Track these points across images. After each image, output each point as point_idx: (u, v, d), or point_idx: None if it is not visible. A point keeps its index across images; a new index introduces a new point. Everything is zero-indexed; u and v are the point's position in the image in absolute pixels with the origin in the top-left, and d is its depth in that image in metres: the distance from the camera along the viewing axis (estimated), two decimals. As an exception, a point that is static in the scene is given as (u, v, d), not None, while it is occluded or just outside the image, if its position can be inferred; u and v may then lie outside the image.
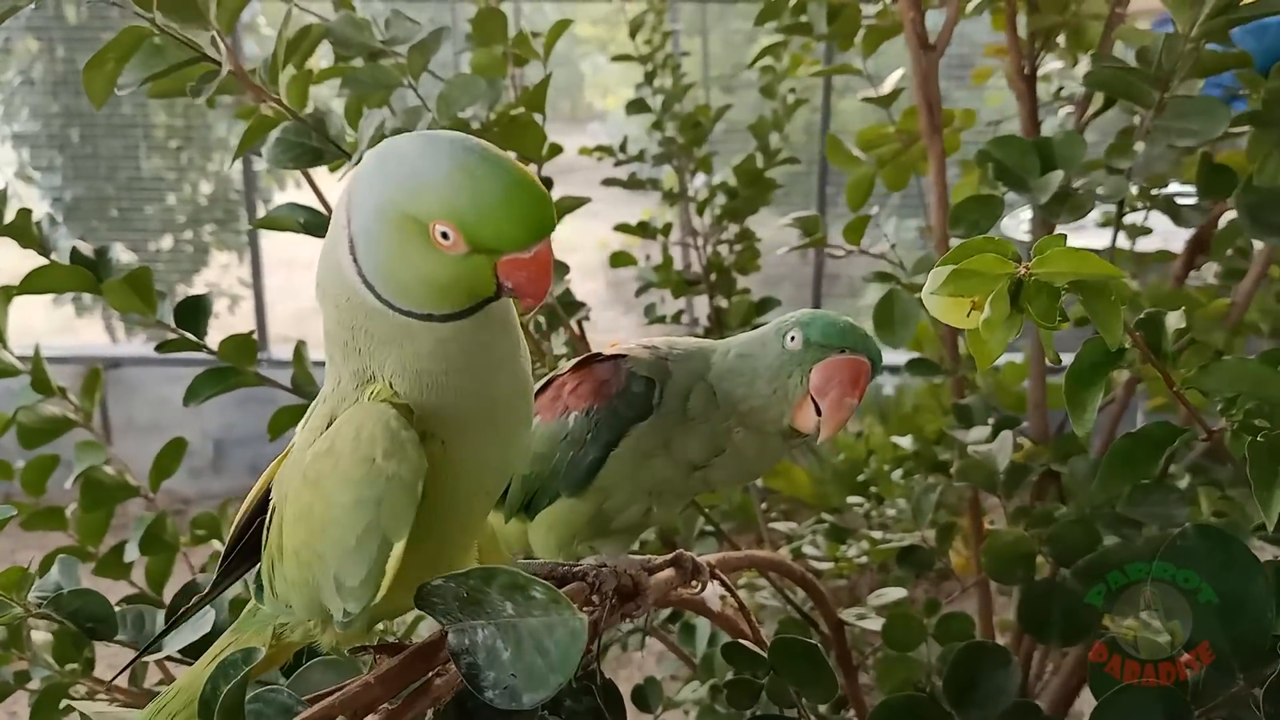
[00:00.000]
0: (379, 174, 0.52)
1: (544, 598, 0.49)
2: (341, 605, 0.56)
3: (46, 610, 0.84)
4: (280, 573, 0.61)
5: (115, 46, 0.92)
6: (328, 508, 0.55)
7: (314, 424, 0.59)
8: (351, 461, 0.53)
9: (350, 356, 0.56)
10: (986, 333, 0.61)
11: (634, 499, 0.84)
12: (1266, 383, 0.72)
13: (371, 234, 0.52)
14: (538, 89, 1.28)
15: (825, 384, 0.78)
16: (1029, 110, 1.41)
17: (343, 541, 0.54)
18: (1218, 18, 1.01)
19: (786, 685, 0.84)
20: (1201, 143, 1.07)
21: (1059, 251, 0.59)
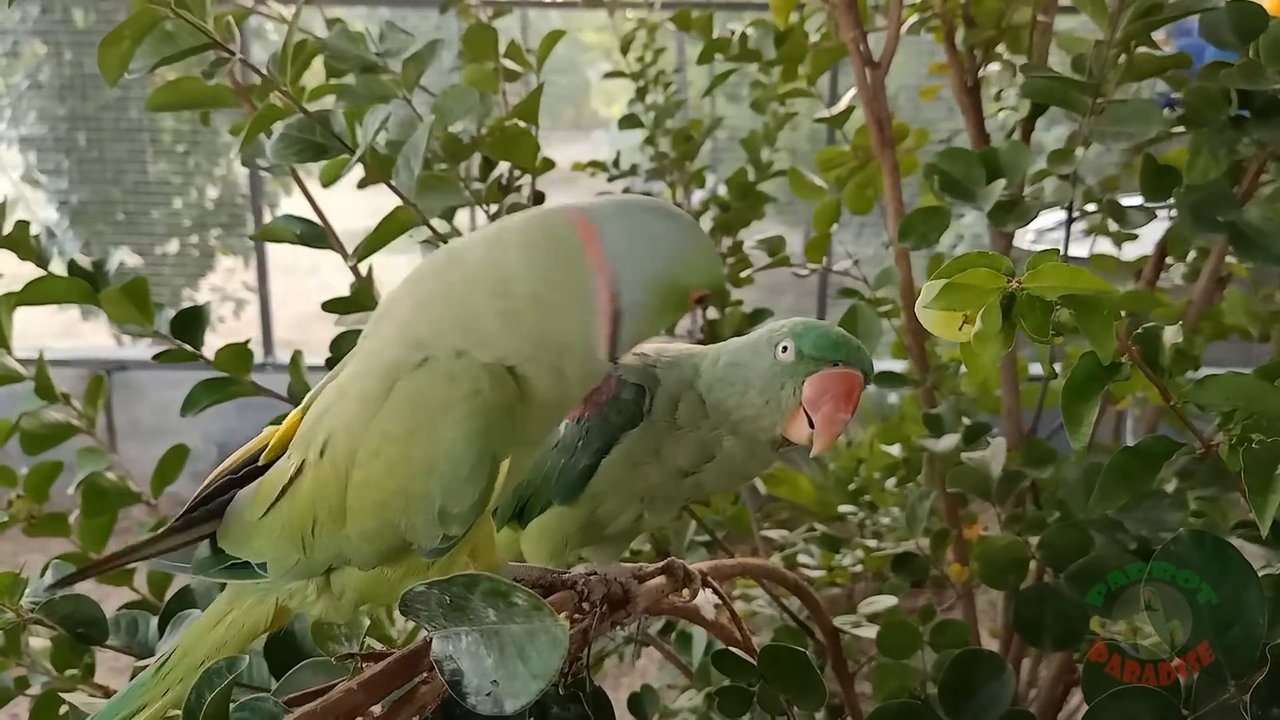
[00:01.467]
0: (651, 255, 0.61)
1: (525, 604, 0.50)
2: (440, 534, 0.63)
3: (39, 615, 0.84)
4: (325, 535, 0.65)
5: (131, 24, 0.93)
6: (432, 447, 0.61)
7: (370, 386, 0.63)
8: (457, 399, 0.60)
9: (456, 343, 0.62)
10: (979, 346, 0.61)
11: (626, 505, 0.84)
12: (1263, 397, 0.73)
13: (640, 305, 0.61)
14: (530, 99, 1.29)
15: (818, 398, 0.77)
16: (975, 121, 1.43)
17: (455, 473, 0.61)
18: (1138, 21, 1.03)
19: (777, 693, 0.84)
20: (1137, 144, 1.08)
21: (1051, 266, 0.60)
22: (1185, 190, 1.08)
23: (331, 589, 0.70)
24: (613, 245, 0.60)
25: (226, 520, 0.71)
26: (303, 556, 0.67)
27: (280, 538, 0.67)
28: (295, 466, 0.66)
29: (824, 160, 1.64)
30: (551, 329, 0.62)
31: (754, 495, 1.90)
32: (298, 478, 0.66)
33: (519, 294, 0.61)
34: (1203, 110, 1.08)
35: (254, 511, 0.69)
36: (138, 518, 1.33)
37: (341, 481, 0.64)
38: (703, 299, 0.64)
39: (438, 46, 1.17)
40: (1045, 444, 1.28)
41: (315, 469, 0.65)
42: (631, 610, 0.76)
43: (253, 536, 0.69)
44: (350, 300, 1.18)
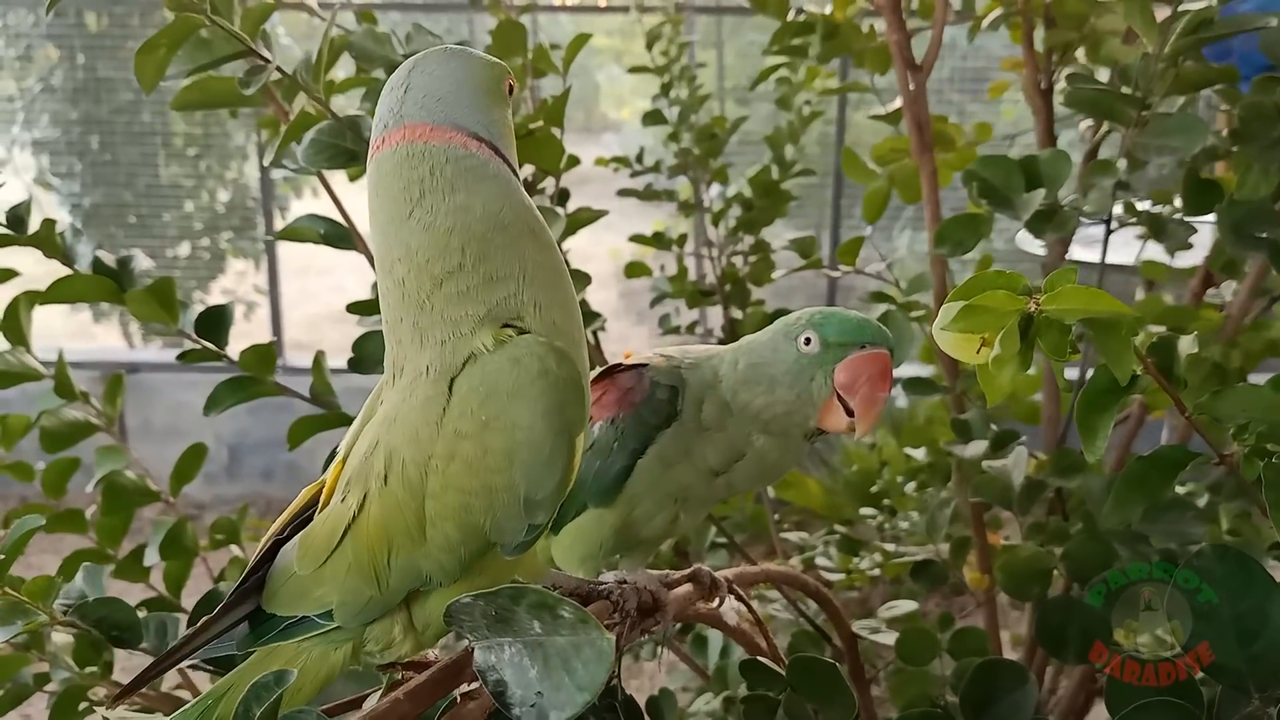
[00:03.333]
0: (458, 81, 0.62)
1: (572, 617, 0.50)
2: (525, 525, 0.62)
3: (71, 618, 0.85)
4: (402, 559, 0.64)
5: (168, 33, 0.94)
6: (510, 436, 0.60)
7: (425, 393, 0.62)
8: (526, 382, 0.60)
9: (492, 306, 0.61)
10: (996, 369, 0.61)
11: (661, 507, 0.84)
12: (1276, 409, 0.73)
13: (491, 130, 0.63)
14: (557, 102, 1.29)
15: (853, 381, 0.78)
16: (1045, 124, 1.42)
17: (536, 457, 0.61)
18: (1189, 35, 1.03)
19: (804, 703, 0.84)
20: (1181, 158, 1.08)
21: (1070, 289, 0.59)
22: (1228, 205, 1.07)
23: (415, 626, 0.68)
24: (443, 115, 0.62)
25: (273, 583, 0.69)
26: (377, 593, 0.65)
27: (349, 578, 0.66)
28: (356, 505, 0.65)
29: (879, 155, 1.62)
30: (491, 203, 0.61)
31: (767, 497, 1.90)
32: (360, 514, 0.65)
33: (478, 216, 0.61)
34: (1255, 125, 1.08)
35: (308, 564, 0.67)
36: (149, 516, 1.33)
37: (417, 497, 0.62)
38: (513, 89, 0.65)
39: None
40: (1074, 453, 1.27)
41: (380, 497, 0.64)
42: (662, 618, 0.76)
43: (311, 588, 0.67)
44: (374, 303, 1.18)
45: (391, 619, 0.68)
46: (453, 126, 0.61)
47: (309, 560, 0.67)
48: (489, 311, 0.61)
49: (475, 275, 0.61)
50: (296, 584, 0.68)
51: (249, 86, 0.99)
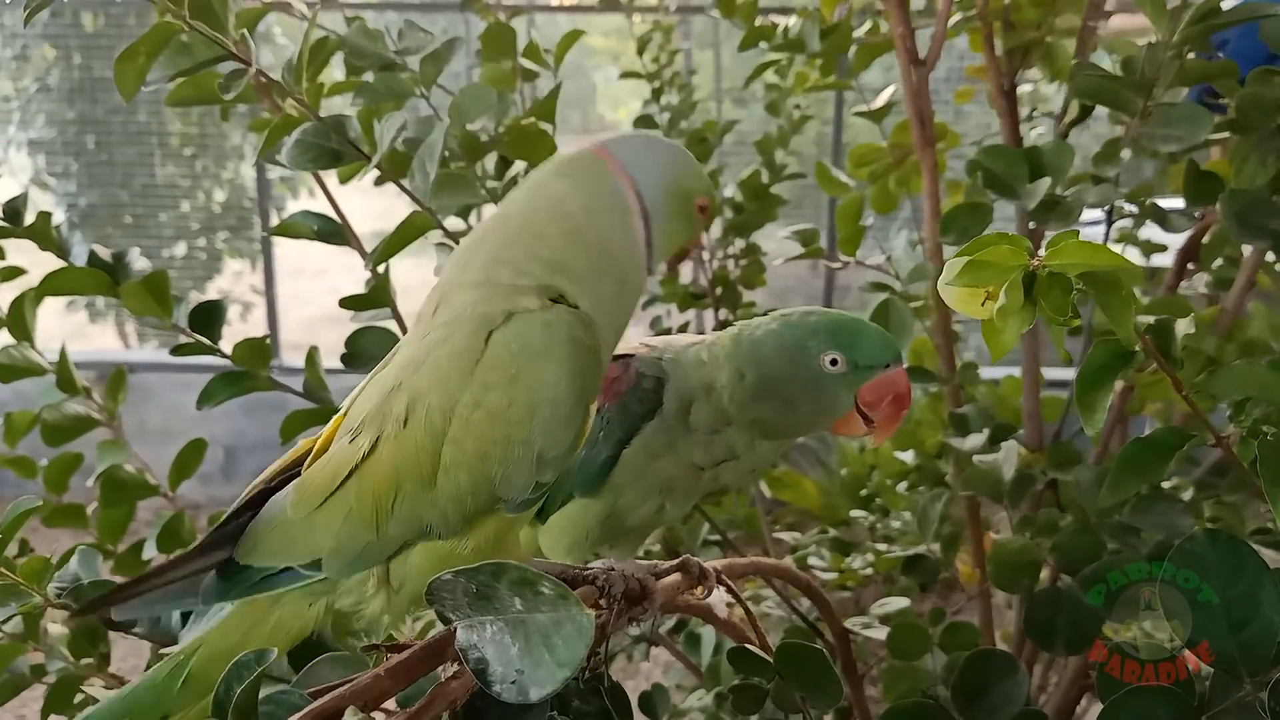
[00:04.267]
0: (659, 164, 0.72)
1: (552, 593, 0.50)
2: (534, 481, 0.66)
3: (66, 600, 0.84)
4: (407, 505, 0.66)
5: (146, 40, 0.94)
6: (535, 391, 0.65)
7: (461, 343, 0.66)
8: (556, 344, 0.65)
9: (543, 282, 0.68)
10: (1001, 321, 0.62)
11: (647, 496, 0.85)
12: (1275, 387, 0.73)
13: (660, 207, 0.71)
14: (548, 99, 1.30)
15: (879, 400, 0.80)
16: (1010, 125, 1.43)
17: (555, 415, 0.65)
18: (1197, 24, 1.04)
19: (792, 691, 0.84)
20: (1185, 148, 1.08)
21: (1071, 244, 0.60)
22: (1229, 195, 1.07)
23: (390, 582, 0.70)
24: (627, 161, 0.71)
25: (254, 534, 0.70)
26: (374, 538, 0.67)
27: (346, 524, 0.67)
28: (367, 446, 0.67)
29: (857, 156, 1.64)
30: (608, 231, 0.70)
31: (762, 498, 1.90)
32: (371, 455, 0.67)
33: (574, 210, 0.69)
34: (1253, 116, 1.08)
35: (303, 508, 0.68)
36: (145, 518, 1.33)
37: (436, 441, 0.65)
38: (704, 209, 0.74)
39: (456, 44, 1.17)
40: (1069, 445, 1.28)
41: (397, 439, 0.66)
42: (649, 606, 0.76)
43: (301, 535, 0.68)
44: (366, 297, 1.18)
45: (368, 573, 0.69)
46: (630, 180, 0.71)
47: (305, 503, 0.69)
48: (543, 285, 0.67)
49: (552, 254, 0.68)
50: (284, 532, 0.69)
51: (229, 91, 0.99)
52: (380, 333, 1.15)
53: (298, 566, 0.69)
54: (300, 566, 0.69)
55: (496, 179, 1.32)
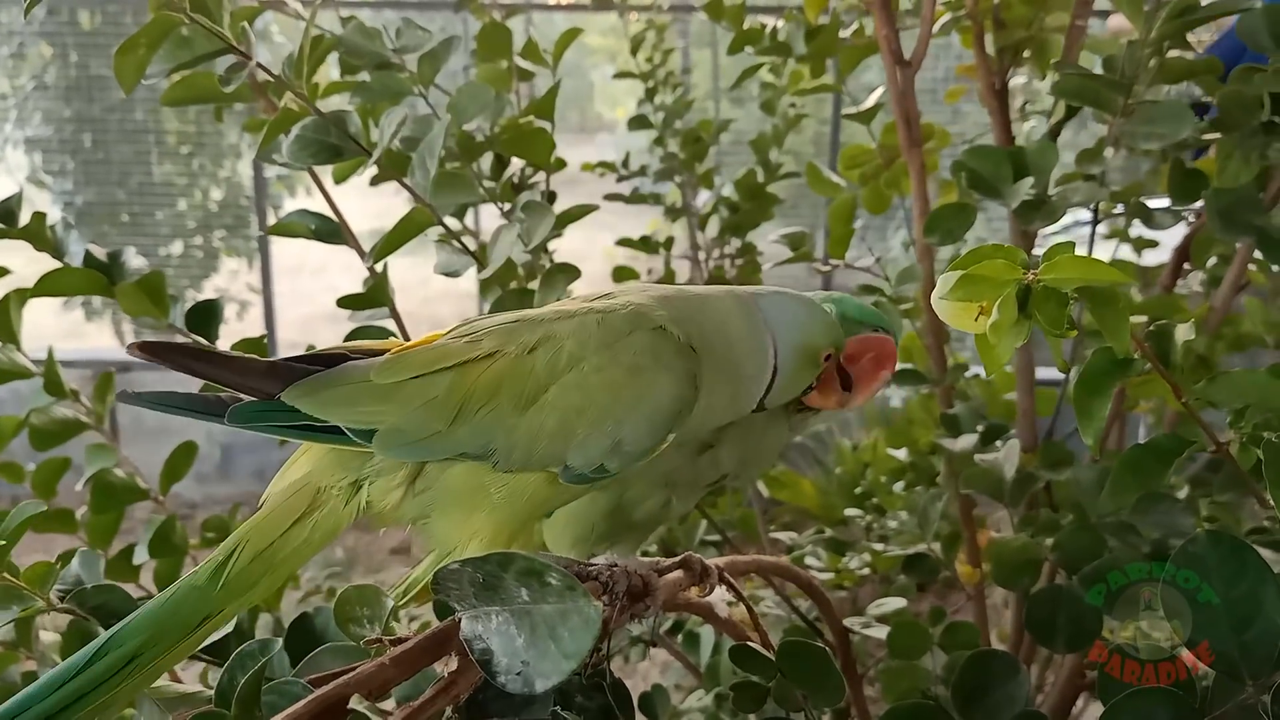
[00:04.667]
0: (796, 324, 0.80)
1: (559, 584, 0.50)
2: (599, 462, 0.71)
3: (69, 605, 0.84)
4: (490, 416, 0.71)
5: (147, 32, 0.94)
6: (647, 389, 0.71)
7: (613, 322, 0.73)
8: (678, 365, 0.72)
9: (689, 324, 0.75)
10: (994, 337, 0.61)
11: (653, 490, 0.85)
12: (1275, 394, 0.73)
13: (788, 362, 0.79)
14: (546, 97, 1.29)
15: (860, 354, 0.82)
16: (1002, 124, 1.43)
17: (651, 414, 0.71)
18: (1175, 21, 1.04)
19: (794, 689, 0.84)
20: (1168, 146, 1.09)
21: (1067, 258, 0.60)
22: (1214, 193, 1.08)
23: (415, 484, 0.73)
24: (770, 317, 0.79)
25: (319, 382, 0.72)
26: (443, 430, 0.70)
27: (425, 407, 0.70)
28: (485, 351, 0.72)
29: (848, 157, 1.65)
30: (747, 360, 0.77)
31: (759, 498, 1.90)
32: (483, 359, 0.72)
33: (734, 330, 0.78)
34: (1235, 114, 1.09)
35: (391, 374, 0.71)
36: (141, 517, 1.33)
37: (551, 377, 0.71)
38: (829, 356, 0.81)
39: (454, 43, 1.17)
40: (1061, 446, 1.28)
41: (517, 359, 0.71)
42: (651, 603, 0.76)
43: (372, 399, 0.71)
44: (364, 297, 1.18)
45: (398, 469, 0.72)
46: (772, 336, 0.78)
47: (395, 370, 0.72)
48: (687, 335, 0.75)
49: (704, 333, 0.76)
50: (355, 391, 0.71)
51: (229, 84, 0.99)
52: (379, 332, 1.15)
53: (349, 429, 0.70)
54: (352, 430, 0.70)
55: (493, 179, 1.32)
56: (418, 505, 0.73)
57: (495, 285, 1.18)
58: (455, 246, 1.10)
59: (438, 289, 5.65)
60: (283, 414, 0.71)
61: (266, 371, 0.72)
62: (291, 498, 0.73)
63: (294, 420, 0.71)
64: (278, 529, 0.71)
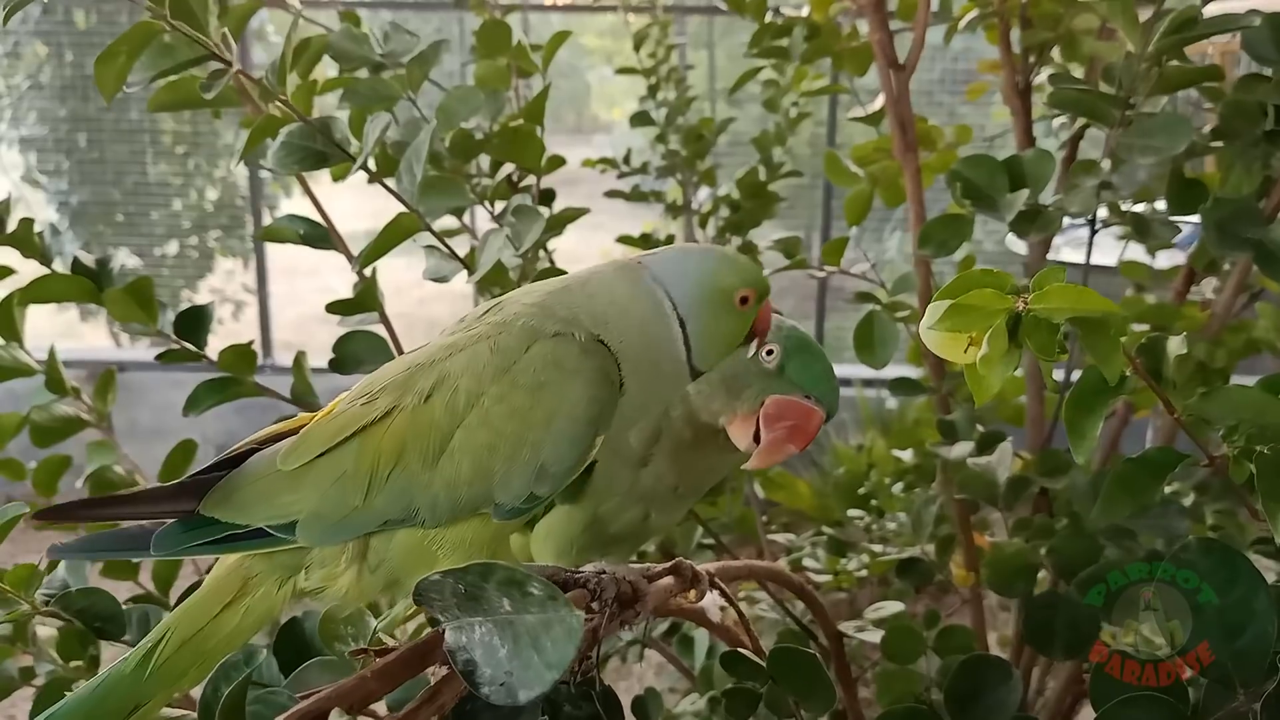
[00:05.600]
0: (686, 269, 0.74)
1: (541, 594, 0.49)
2: (529, 491, 0.68)
3: (54, 608, 0.84)
4: (403, 479, 0.68)
5: (127, 40, 0.93)
6: (556, 403, 0.68)
7: (505, 341, 0.70)
8: (587, 369, 0.69)
9: (588, 330, 0.71)
10: (984, 369, 0.60)
11: (628, 505, 0.84)
12: (1267, 410, 0.72)
13: (691, 307, 0.73)
14: (537, 100, 1.29)
15: (777, 419, 0.79)
16: (1024, 124, 1.43)
17: (567, 430, 0.68)
18: (1172, 35, 1.03)
19: (785, 695, 0.83)
20: (1165, 157, 1.08)
21: (1058, 288, 0.59)
22: (1212, 204, 1.07)
23: (368, 560, 0.70)
24: (658, 273, 0.73)
25: (229, 486, 0.70)
26: (360, 503, 0.68)
27: (336, 485, 0.68)
28: (382, 411, 0.69)
29: (859, 156, 1.63)
30: (647, 318, 0.72)
31: (756, 499, 1.89)
32: (382, 420, 0.69)
33: (621, 291, 0.73)
34: (1237, 124, 1.08)
35: (296, 460, 0.69)
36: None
37: (452, 422, 0.68)
38: (746, 299, 0.74)
39: (443, 47, 1.17)
40: (1059, 453, 1.27)
41: (415, 411, 0.68)
42: (641, 609, 0.76)
43: (283, 491, 0.68)
44: (353, 302, 1.18)
45: (342, 547, 0.70)
46: (662, 286, 0.73)
47: (299, 454, 0.69)
48: (590, 333, 0.71)
49: (604, 313, 0.72)
50: (265, 486, 0.69)
51: (210, 90, 0.99)
52: (368, 336, 1.15)
53: (269, 528, 0.68)
54: (273, 528, 0.68)
55: (491, 176, 1.32)
56: (380, 578, 0.71)
57: (489, 288, 1.18)
58: (443, 251, 1.10)
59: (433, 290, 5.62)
60: (205, 529, 0.69)
61: (177, 492, 0.70)
62: (223, 582, 0.71)
63: (218, 533, 0.69)
64: (206, 615, 0.69)
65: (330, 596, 0.71)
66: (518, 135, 1.23)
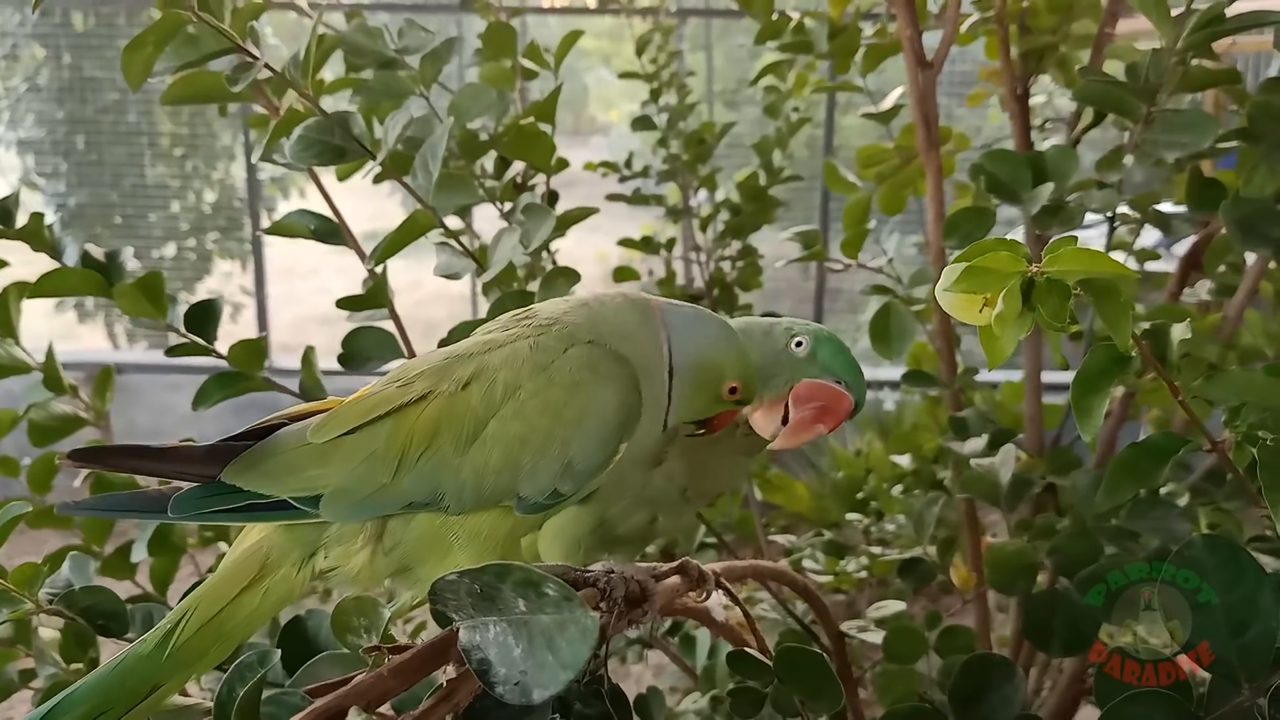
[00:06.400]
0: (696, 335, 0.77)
1: (556, 595, 0.50)
2: (553, 487, 0.70)
3: (58, 607, 0.84)
4: (432, 462, 0.69)
5: (155, 30, 0.94)
6: (589, 403, 0.70)
7: (545, 341, 0.72)
8: (618, 376, 0.71)
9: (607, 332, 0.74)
10: (998, 328, 0.61)
11: (635, 508, 0.84)
12: (1271, 393, 0.73)
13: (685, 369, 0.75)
14: (548, 100, 1.29)
15: (808, 400, 0.79)
16: (1022, 129, 1.44)
17: (597, 430, 0.70)
18: (1202, 30, 1.03)
19: (791, 694, 0.84)
20: (1189, 154, 1.08)
21: (1070, 251, 0.60)
22: (1233, 202, 1.07)
23: (383, 541, 0.71)
24: (669, 322, 0.76)
25: (256, 455, 0.70)
26: (388, 483, 0.69)
27: (366, 461, 0.69)
28: (418, 394, 0.70)
29: (865, 157, 1.65)
30: (651, 356, 0.75)
31: (754, 501, 1.90)
32: (418, 402, 0.70)
33: (631, 327, 0.75)
34: (1264, 124, 1.08)
35: (327, 433, 0.70)
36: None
37: (488, 411, 0.70)
38: (734, 390, 0.76)
39: (455, 44, 1.17)
40: (1069, 451, 1.28)
41: (451, 398, 0.70)
42: (649, 609, 0.76)
43: (311, 464, 0.69)
44: (364, 298, 1.18)
45: (360, 527, 0.71)
46: (668, 337, 0.76)
47: (331, 427, 0.70)
48: (618, 346, 0.73)
49: (622, 335, 0.74)
50: (293, 457, 0.70)
51: (237, 83, 0.99)
52: (378, 333, 1.15)
53: (294, 499, 0.69)
54: (297, 500, 0.69)
55: (495, 178, 1.32)
56: (393, 561, 0.72)
57: (496, 287, 1.18)
58: (456, 248, 1.10)
59: (431, 291, 5.64)
60: (226, 496, 0.69)
61: (205, 456, 0.70)
62: (242, 563, 0.71)
63: (239, 501, 0.69)
64: (226, 596, 0.69)
65: (341, 576, 0.72)
66: (528, 134, 1.23)
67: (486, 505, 0.70)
